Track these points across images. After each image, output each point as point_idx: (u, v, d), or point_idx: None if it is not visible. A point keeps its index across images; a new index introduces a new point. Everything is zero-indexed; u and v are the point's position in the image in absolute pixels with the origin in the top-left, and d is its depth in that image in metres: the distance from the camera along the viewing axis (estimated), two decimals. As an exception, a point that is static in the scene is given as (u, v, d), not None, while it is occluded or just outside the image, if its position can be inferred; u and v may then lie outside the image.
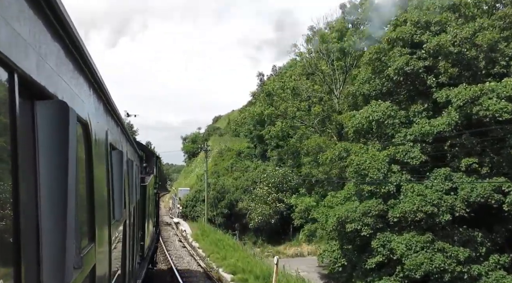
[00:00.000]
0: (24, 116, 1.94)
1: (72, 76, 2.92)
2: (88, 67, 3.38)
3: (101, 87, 4.20)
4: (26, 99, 2.02)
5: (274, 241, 58.77)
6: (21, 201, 1.81)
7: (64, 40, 2.61)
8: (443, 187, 26.37)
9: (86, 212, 3.51)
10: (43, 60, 2.17)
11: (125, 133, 7.96)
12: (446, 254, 25.84)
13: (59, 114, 2.18)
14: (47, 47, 2.27)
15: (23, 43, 1.87)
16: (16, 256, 1.79)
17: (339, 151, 31.70)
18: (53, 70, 2.38)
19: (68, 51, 2.76)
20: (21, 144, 1.82)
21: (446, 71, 28.05)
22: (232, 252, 28.27)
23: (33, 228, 2.05)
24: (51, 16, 2.27)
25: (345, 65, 44.24)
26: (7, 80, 1.73)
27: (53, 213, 2.15)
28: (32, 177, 2.06)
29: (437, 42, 27.98)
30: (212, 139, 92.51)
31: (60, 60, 2.57)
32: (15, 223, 1.78)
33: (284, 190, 57.50)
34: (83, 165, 3.39)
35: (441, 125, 26.84)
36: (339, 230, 29.70)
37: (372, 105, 30.68)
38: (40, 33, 2.14)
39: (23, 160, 1.85)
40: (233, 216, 60.13)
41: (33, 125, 2.08)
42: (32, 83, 2.02)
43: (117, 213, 5.44)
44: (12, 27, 1.72)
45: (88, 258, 3.31)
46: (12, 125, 1.75)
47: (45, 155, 2.13)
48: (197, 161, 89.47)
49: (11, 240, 1.78)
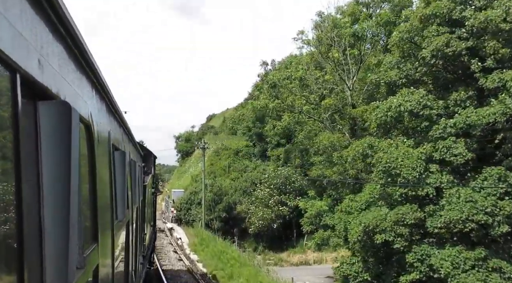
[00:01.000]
0: (27, 116, 1.96)
1: (74, 76, 2.92)
2: (90, 68, 3.36)
3: (104, 88, 4.17)
4: (29, 99, 2.01)
5: (276, 248, 54.18)
6: (24, 201, 1.81)
7: (67, 40, 2.59)
8: (496, 190, 21.71)
9: (89, 212, 3.48)
10: (45, 61, 2.15)
11: (128, 133, 7.96)
12: (504, 275, 21.23)
13: (62, 114, 2.18)
14: (49, 47, 2.25)
15: (25, 43, 1.86)
16: (19, 256, 1.78)
17: (363, 148, 26.98)
18: (56, 70, 2.37)
19: (70, 51, 2.74)
20: (23, 144, 1.82)
21: (495, 53, 23.45)
22: (238, 268, 23.56)
23: (36, 228, 2.05)
24: (53, 16, 2.25)
25: (359, 53, 39.50)
26: (9, 80, 1.73)
27: (56, 213, 2.14)
28: (34, 177, 2.05)
29: (484, 18, 23.40)
30: (207, 138, 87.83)
31: (62, 60, 2.55)
32: (17, 223, 1.78)
33: (288, 192, 52.97)
34: (86, 166, 3.35)
35: (492, 115, 22.24)
36: (365, 241, 25.01)
37: (402, 94, 26.05)
38: (42, 33, 2.12)
39: (25, 160, 1.85)
40: (232, 220, 55.35)
41: (35, 126, 2.08)
42: (34, 83, 2.00)
43: (120, 213, 5.43)
44: (14, 27, 1.72)
45: (91, 258, 3.30)
46: (15, 126, 1.76)
47: (47, 155, 2.13)
48: (191, 160, 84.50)
49: (14, 240, 1.77)
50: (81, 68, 3.12)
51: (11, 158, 1.75)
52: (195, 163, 78.66)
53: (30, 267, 1.87)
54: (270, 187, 53.52)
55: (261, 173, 62.80)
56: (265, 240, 54.12)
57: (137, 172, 9.13)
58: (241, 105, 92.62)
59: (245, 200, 57.96)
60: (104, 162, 4.26)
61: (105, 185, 4.30)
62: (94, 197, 3.61)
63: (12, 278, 1.75)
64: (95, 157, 3.55)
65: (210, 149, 76.58)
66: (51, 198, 2.13)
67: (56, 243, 2.13)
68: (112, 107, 5.09)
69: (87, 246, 3.23)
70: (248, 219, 54.94)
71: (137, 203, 9.07)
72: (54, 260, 2.13)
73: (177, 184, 77.12)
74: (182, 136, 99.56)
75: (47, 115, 2.12)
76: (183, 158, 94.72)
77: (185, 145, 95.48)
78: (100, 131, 3.96)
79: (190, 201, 57.04)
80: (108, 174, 4.54)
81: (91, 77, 3.53)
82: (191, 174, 72.03)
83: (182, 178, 78.98)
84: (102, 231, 3.93)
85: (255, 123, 65.27)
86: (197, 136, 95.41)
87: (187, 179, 71.61)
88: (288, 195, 52.34)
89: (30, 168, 1.96)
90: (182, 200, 57.60)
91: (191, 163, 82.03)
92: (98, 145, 3.76)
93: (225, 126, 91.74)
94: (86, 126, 3.30)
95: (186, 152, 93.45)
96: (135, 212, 8.64)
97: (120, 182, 5.52)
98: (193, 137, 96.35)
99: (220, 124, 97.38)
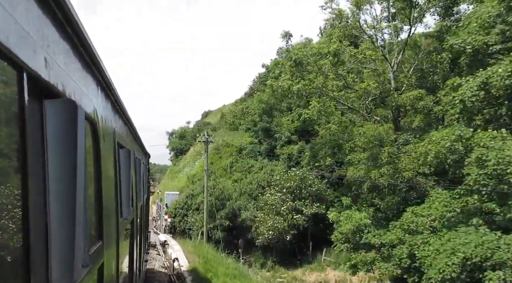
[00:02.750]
0: (33, 114, 1.96)
1: (80, 75, 2.92)
2: (96, 66, 3.35)
3: (109, 86, 4.16)
4: (35, 98, 2.01)
5: (288, 263, 45.43)
6: (30, 198, 1.81)
7: (73, 39, 2.60)
8: None
9: (94, 210, 3.47)
10: (52, 59, 2.16)
11: (133, 132, 7.90)
12: None
13: (68, 112, 2.19)
14: (55, 46, 2.26)
15: (32, 42, 1.86)
16: (25, 254, 1.78)
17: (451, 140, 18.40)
18: (62, 69, 2.38)
19: (76, 50, 2.75)
20: (30, 142, 1.82)
21: None
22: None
23: (42, 226, 2.04)
24: (60, 15, 2.26)
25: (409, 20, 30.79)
26: (16, 79, 1.73)
27: (61, 211, 2.13)
28: (41, 175, 2.05)
29: None
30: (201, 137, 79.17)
31: (68, 59, 2.57)
32: (24, 221, 1.78)
33: (303, 198, 44.50)
34: (91, 163, 3.35)
35: None
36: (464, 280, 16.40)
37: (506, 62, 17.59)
38: (48, 32, 2.13)
39: (32, 158, 1.86)
40: (235, 230, 46.62)
41: (42, 124, 2.08)
42: (41, 82, 2.01)
43: (125, 211, 5.43)
44: (21, 26, 1.72)
45: (97, 256, 3.30)
46: (21, 124, 1.76)
47: (54, 153, 2.13)
48: (186, 159, 75.53)
49: (20, 238, 1.77)
50: (86, 67, 3.11)
51: (17, 155, 1.75)
52: (191, 161, 69.81)
53: (36, 265, 1.87)
54: (282, 190, 45.05)
55: (268, 174, 54.18)
56: (275, 254, 45.40)
57: (142, 170, 9.31)
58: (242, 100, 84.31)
59: (251, 206, 49.40)
60: (109, 160, 4.23)
61: (110, 183, 4.24)
62: (100, 194, 3.58)
63: (18, 276, 1.73)
64: (100, 155, 3.54)
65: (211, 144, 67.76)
66: (57, 195, 2.11)
67: (62, 241, 2.12)
68: (117, 105, 5.08)
69: (92, 244, 3.22)
70: (255, 229, 46.37)
71: (141, 201, 9.15)
72: (60, 258, 2.12)
73: (170, 185, 68.13)
74: (176, 133, 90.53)
75: (54, 113, 2.13)
76: (176, 156, 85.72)
77: (179, 142, 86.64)
78: (105, 129, 3.98)
79: (187, 206, 48.29)
80: (113, 171, 4.53)
81: (97, 75, 3.52)
82: (186, 174, 63.16)
83: (176, 179, 70.00)
84: (107, 229, 3.90)
85: (262, 116, 56.56)
86: (193, 132, 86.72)
87: (182, 179, 62.74)
88: (304, 201, 43.92)
89: (36, 166, 1.96)
90: (177, 205, 48.81)
91: (186, 162, 73.13)
92: (104, 142, 3.74)
93: (224, 122, 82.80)
94: (92, 124, 3.30)
95: (181, 150, 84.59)
96: (139, 210, 8.70)
97: (125, 179, 5.46)
98: (188, 133, 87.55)
99: (218, 120, 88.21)
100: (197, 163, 64.51)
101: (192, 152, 74.03)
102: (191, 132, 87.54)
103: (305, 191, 44.31)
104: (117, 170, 4.81)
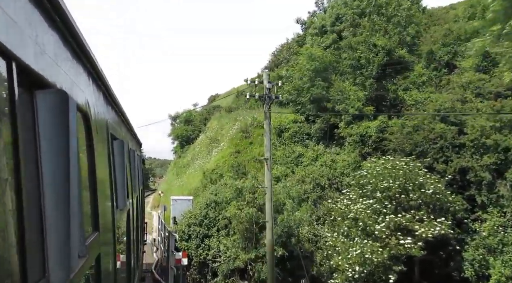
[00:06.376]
0: (24, 105, 1.92)
1: (71, 65, 2.84)
2: (86, 57, 3.27)
3: (100, 77, 4.09)
4: (26, 88, 1.97)
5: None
6: (24, 190, 1.78)
7: (62, 29, 2.52)
8: None
9: (89, 201, 3.43)
10: (41, 49, 2.10)
11: (126, 122, 7.85)
12: None
13: (59, 103, 2.14)
14: (45, 36, 2.19)
15: (20, 31, 1.82)
16: (21, 245, 1.75)
17: None
18: (52, 59, 2.31)
19: (66, 40, 2.67)
20: (21, 133, 1.79)
21: None
22: None
23: (37, 217, 2.01)
24: (48, 4, 2.19)
25: None
26: (5, 69, 1.70)
27: (56, 202, 2.09)
28: (34, 166, 2.01)
29: None
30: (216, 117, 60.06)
31: (58, 49, 2.50)
32: (19, 212, 1.75)
33: (411, 207, 25.78)
34: (84, 154, 3.31)
35: None
36: None
37: None
38: (37, 22, 2.07)
39: (24, 149, 1.82)
40: (291, 260, 27.91)
41: (33, 115, 2.04)
42: (31, 72, 1.96)
43: (120, 202, 5.38)
44: (8, 16, 1.67)
45: (93, 247, 3.27)
46: (12, 115, 1.73)
47: (46, 145, 2.08)
48: (195, 149, 56.37)
49: (16, 230, 1.73)
50: (77, 57, 3.04)
51: (9, 147, 1.71)
52: (203, 152, 50.67)
53: (32, 256, 1.85)
54: (374, 194, 26.27)
55: (329, 166, 35.26)
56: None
57: (136, 160, 9.27)
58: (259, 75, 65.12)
59: (307, 217, 30.55)
60: (103, 151, 4.18)
61: (104, 174, 4.20)
62: (94, 186, 3.54)
63: (14, 267, 1.71)
64: (93, 146, 3.49)
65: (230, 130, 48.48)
66: (51, 186, 2.07)
67: (58, 232, 2.08)
68: (109, 96, 5.01)
69: (88, 235, 3.20)
70: (325, 258, 27.66)
71: (137, 191, 9.22)
72: (56, 249, 2.08)
73: (176, 185, 49.14)
74: (180, 117, 71.27)
75: (45, 104, 2.08)
76: (182, 146, 66.54)
77: (185, 128, 67.58)
78: (98, 120, 3.92)
79: (208, 221, 29.39)
80: (107, 162, 4.48)
81: (87, 66, 3.46)
82: (200, 168, 44.09)
83: (183, 175, 50.93)
84: (104, 219, 3.88)
85: (315, 80, 37.35)
86: (202, 116, 67.62)
87: (195, 176, 43.71)
88: (415, 213, 25.32)
89: (29, 157, 1.92)
90: (189, 218, 29.82)
91: (196, 153, 53.97)
92: (96, 133, 3.70)
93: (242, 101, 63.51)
94: (84, 115, 3.23)
95: (187, 138, 65.53)
96: (135, 201, 8.79)
97: (120, 170, 5.43)
98: (196, 118, 68.46)
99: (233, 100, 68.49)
100: (214, 152, 45.39)
101: (203, 139, 54.88)
102: (199, 116, 68.40)
103: (416, 194, 25.62)
104: (111, 161, 4.75)
